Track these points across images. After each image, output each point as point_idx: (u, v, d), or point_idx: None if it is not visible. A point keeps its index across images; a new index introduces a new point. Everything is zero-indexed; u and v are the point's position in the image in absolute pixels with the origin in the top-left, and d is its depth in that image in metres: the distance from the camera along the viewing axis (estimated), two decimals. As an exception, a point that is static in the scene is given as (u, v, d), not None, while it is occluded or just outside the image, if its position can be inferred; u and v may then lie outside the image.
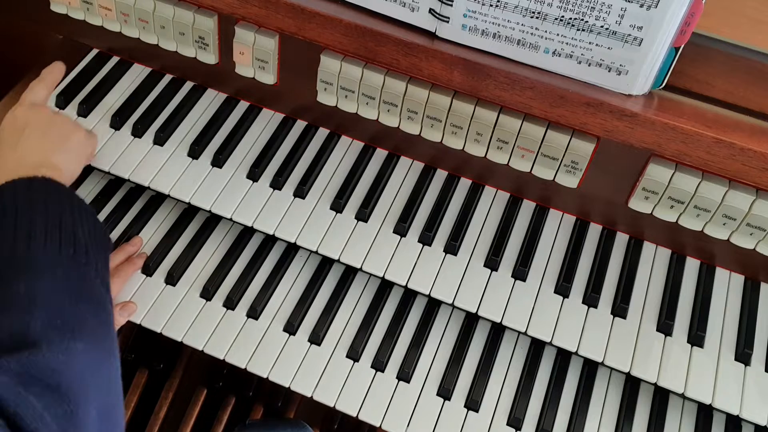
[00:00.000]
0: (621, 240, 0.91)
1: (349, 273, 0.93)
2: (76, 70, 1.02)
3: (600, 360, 0.82)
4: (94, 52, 1.04)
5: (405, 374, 0.85)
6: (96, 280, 0.69)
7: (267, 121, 0.99)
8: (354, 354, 0.86)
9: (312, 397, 0.83)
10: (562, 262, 0.89)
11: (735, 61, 0.80)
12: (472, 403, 0.84)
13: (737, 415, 0.79)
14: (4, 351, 0.57)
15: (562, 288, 0.86)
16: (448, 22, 0.78)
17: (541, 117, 0.77)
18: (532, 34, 0.76)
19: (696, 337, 0.83)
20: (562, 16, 0.73)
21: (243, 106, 1.00)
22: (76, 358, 0.59)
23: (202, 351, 0.86)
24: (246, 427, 0.95)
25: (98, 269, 0.70)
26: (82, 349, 0.60)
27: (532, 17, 0.74)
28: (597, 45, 0.74)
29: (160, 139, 0.95)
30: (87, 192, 0.98)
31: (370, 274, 0.90)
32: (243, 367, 0.85)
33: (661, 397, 0.85)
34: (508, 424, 0.83)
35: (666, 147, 0.74)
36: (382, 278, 0.87)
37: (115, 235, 0.94)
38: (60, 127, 0.84)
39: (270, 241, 0.95)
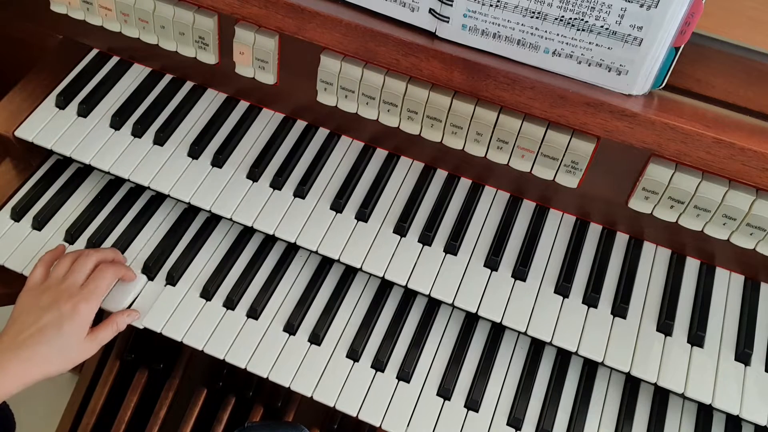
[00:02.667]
0: (621, 240, 0.91)
1: (349, 273, 0.93)
2: (76, 70, 1.02)
3: (600, 360, 0.82)
4: (94, 52, 1.04)
5: (405, 374, 0.85)
6: None
7: (267, 121, 0.99)
8: (354, 354, 0.86)
9: (312, 397, 0.83)
10: (562, 262, 0.89)
11: (735, 61, 0.80)
12: (472, 403, 0.84)
13: (737, 415, 0.79)
14: None
15: (562, 288, 0.86)
16: (448, 22, 0.78)
17: (541, 117, 0.77)
18: (532, 34, 0.76)
19: (696, 337, 0.83)
20: (562, 16, 0.73)
21: (243, 106, 1.00)
22: None
23: (202, 351, 0.86)
24: (245, 429, 0.95)
25: None
26: None
27: (532, 17, 0.74)
28: (597, 45, 0.74)
29: (160, 139, 0.95)
30: (87, 192, 0.98)
31: (370, 274, 0.90)
32: (243, 367, 0.85)
33: (661, 397, 0.85)
34: (508, 424, 0.83)
35: (666, 147, 0.74)
36: (382, 278, 0.87)
37: (115, 235, 0.94)
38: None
39: (270, 241, 0.95)
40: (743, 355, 0.82)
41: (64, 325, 0.79)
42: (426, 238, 0.89)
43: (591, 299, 0.85)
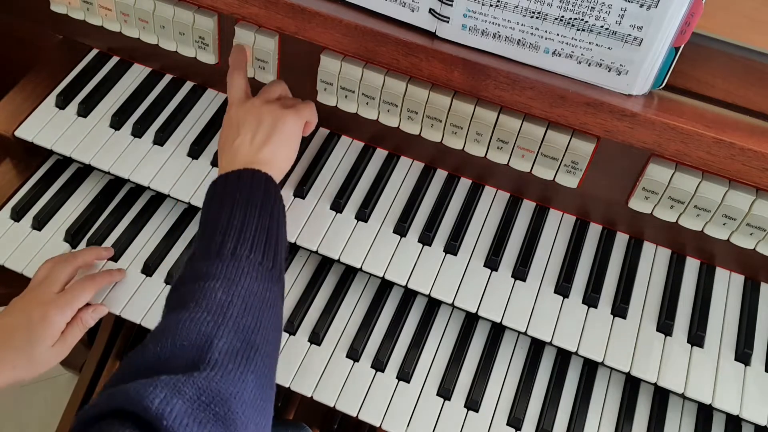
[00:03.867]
0: (621, 240, 0.91)
1: (349, 273, 0.93)
2: (76, 70, 1.02)
3: (600, 360, 0.82)
4: (94, 52, 1.04)
5: (405, 374, 0.85)
6: (281, 302, 0.68)
7: (267, 121, 0.99)
8: (354, 354, 0.86)
9: (312, 397, 0.83)
10: (562, 262, 0.89)
11: (735, 61, 0.80)
12: (472, 403, 0.84)
13: (737, 415, 0.79)
14: (182, 363, 0.56)
15: (562, 288, 0.86)
16: (448, 22, 0.78)
17: (541, 117, 0.77)
18: (532, 34, 0.76)
19: (696, 337, 0.83)
20: (562, 16, 0.73)
21: (243, 106, 1.00)
22: (246, 389, 0.57)
23: (202, 351, 0.85)
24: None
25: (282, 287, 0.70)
26: (252, 381, 0.58)
27: (532, 17, 0.74)
28: (597, 45, 0.74)
29: (160, 139, 0.95)
30: (87, 192, 0.98)
31: (370, 274, 0.90)
32: (243, 367, 0.85)
33: (661, 397, 0.85)
34: (508, 424, 0.83)
35: (666, 147, 0.74)
36: (382, 278, 0.87)
37: (114, 235, 0.94)
38: (268, 119, 0.80)
39: (270, 241, 0.95)
40: (743, 355, 0.82)
41: (33, 332, 0.77)
42: (426, 238, 0.89)
43: (591, 299, 0.85)
